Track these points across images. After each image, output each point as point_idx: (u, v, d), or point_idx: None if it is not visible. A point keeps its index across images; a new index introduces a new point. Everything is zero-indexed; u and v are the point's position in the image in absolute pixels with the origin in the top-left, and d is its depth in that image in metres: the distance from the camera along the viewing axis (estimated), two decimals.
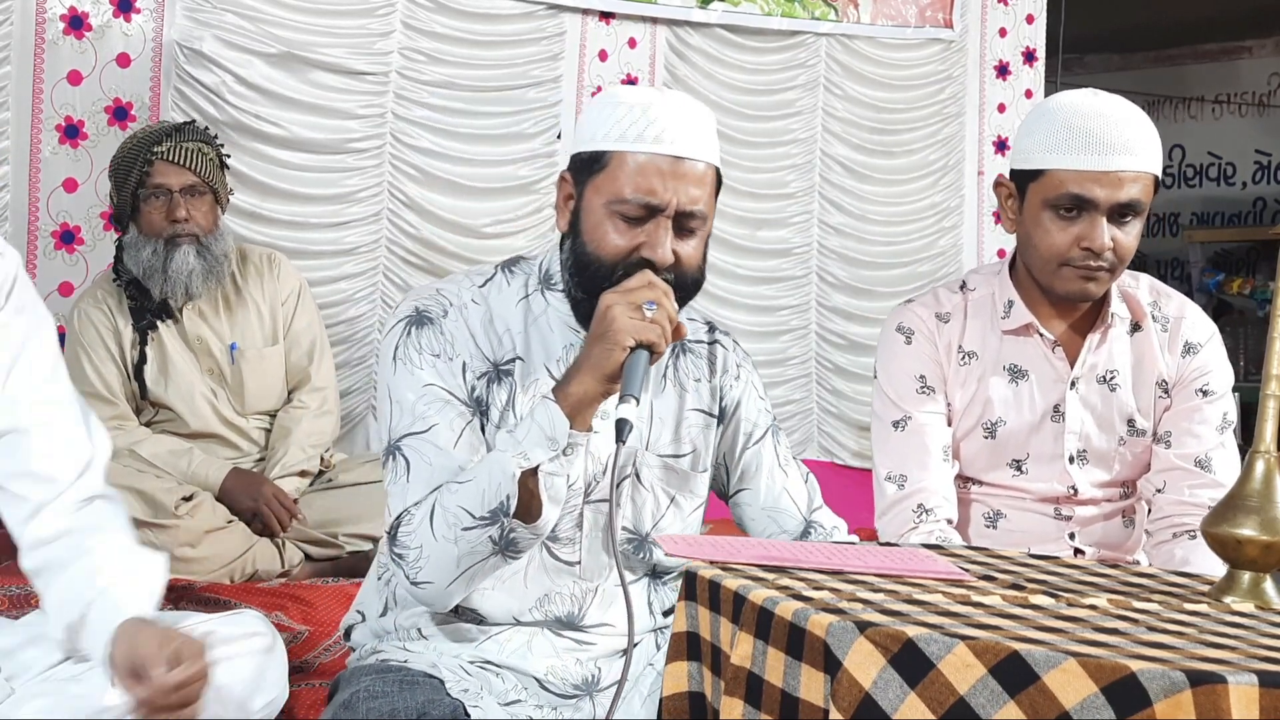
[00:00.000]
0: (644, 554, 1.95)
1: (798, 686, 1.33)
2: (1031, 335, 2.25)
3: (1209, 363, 2.27)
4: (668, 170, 1.81)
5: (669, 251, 1.82)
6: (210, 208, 3.28)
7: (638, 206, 1.81)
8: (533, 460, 1.73)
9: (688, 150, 1.83)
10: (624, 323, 1.74)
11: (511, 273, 1.97)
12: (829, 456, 5.03)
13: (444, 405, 1.85)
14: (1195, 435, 2.25)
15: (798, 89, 4.93)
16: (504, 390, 1.89)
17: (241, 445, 3.36)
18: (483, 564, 1.77)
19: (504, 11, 4.38)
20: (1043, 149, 2.14)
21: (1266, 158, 8.11)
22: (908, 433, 2.25)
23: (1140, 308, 2.28)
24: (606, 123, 1.85)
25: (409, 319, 1.90)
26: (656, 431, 1.96)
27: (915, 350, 2.28)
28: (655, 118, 1.83)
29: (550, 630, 1.91)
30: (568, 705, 1.87)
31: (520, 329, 1.92)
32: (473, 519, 1.74)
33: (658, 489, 1.95)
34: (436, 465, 1.81)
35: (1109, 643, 1.28)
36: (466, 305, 1.92)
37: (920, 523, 2.20)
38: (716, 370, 2.03)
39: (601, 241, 1.83)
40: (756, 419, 2.03)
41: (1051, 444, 2.26)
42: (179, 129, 3.29)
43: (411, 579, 1.80)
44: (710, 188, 1.86)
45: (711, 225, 1.90)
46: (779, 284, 4.96)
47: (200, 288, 3.24)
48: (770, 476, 2.03)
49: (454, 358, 1.88)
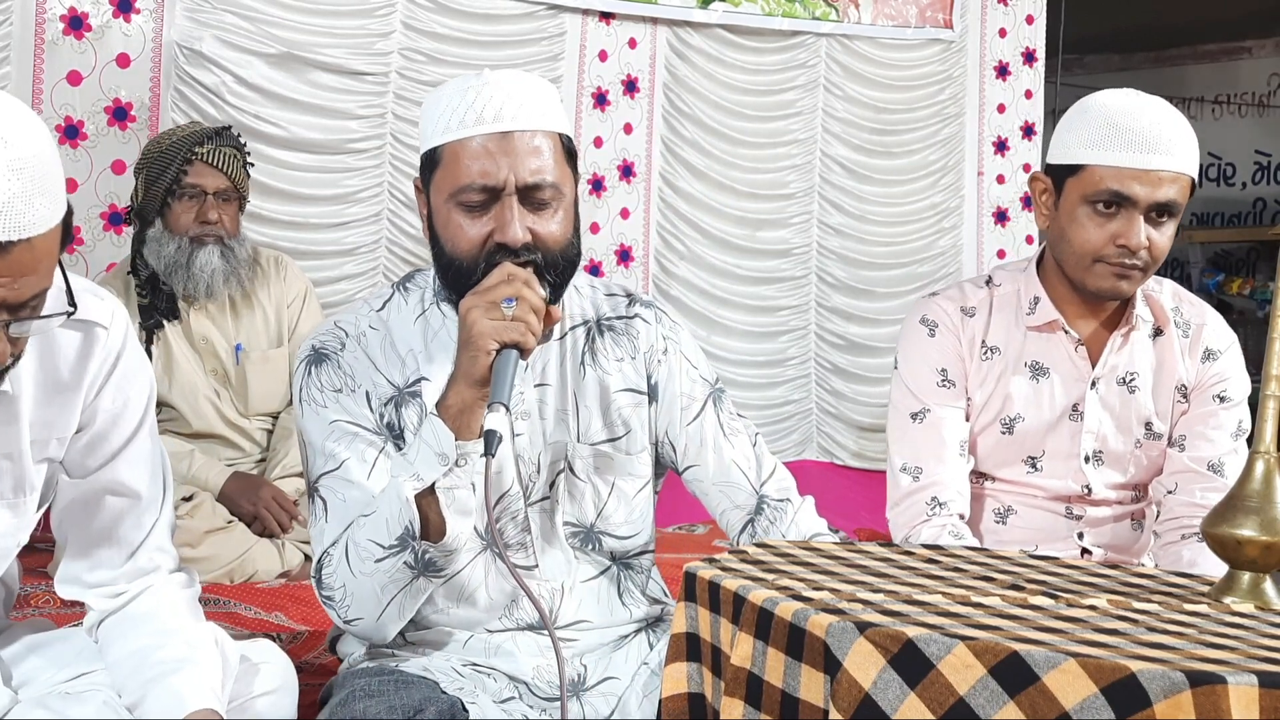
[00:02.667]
0: (593, 545, 1.93)
1: (798, 687, 1.33)
2: (1056, 332, 2.25)
3: (1227, 369, 2.28)
4: (496, 148, 1.76)
5: (519, 230, 1.76)
6: (236, 213, 3.32)
7: (476, 191, 1.77)
8: (426, 479, 1.72)
9: (516, 122, 1.77)
10: (483, 325, 1.71)
11: (407, 289, 1.94)
12: (828, 457, 5.03)
13: (352, 439, 1.83)
14: (1209, 439, 2.25)
15: (798, 89, 4.93)
16: (413, 411, 1.86)
17: (244, 446, 3.36)
18: (408, 589, 1.77)
19: (504, 12, 4.38)
20: (1084, 144, 2.13)
21: (1266, 158, 8.11)
22: (926, 425, 2.25)
23: (1163, 312, 2.28)
24: (433, 119, 1.81)
25: (308, 359, 1.88)
26: (585, 420, 1.92)
27: (938, 343, 2.27)
28: (474, 99, 1.78)
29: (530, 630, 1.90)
30: (556, 706, 1.85)
31: (421, 347, 1.89)
32: (383, 549, 1.73)
33: (594, 478, 1.92)
34: (350, 500, 1.80)
35: (1109, 643, 1.28)
36: (364, 334, 1.89)
37: (933, 516, 2.21)
38: (640, 346, 1.97)
39: (454, 239, 1.80)
40: (691, 392, 1.97)
41: (1068, 442, 2.26)
42: (219, 133, 3.32)
43: (343, 618, 1.81)
44: (554, 156, 1.80)
45: (574, 195, 1.84)
46: (778, 284, 4.96)
47: (221, 288, 3.26)
48: (716, 450, 1.97)
49: (355, 389, 1.86)
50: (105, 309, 1.72)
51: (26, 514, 1.73)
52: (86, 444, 1.74)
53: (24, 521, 1.73)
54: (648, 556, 2.00)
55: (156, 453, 1.82)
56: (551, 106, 1.83)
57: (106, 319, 1.72)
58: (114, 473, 1.76)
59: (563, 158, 1.82)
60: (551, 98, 1.84)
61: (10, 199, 1.41)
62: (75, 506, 1.78)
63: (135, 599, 1.79)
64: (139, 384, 1.77)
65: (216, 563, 3.08)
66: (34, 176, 1.43)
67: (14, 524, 1.72)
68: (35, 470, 1.71)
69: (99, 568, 1.79)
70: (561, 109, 1.86)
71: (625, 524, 1.95)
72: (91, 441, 1.74)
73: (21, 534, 1.75)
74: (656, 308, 2.01)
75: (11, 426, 1.66)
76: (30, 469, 1.70)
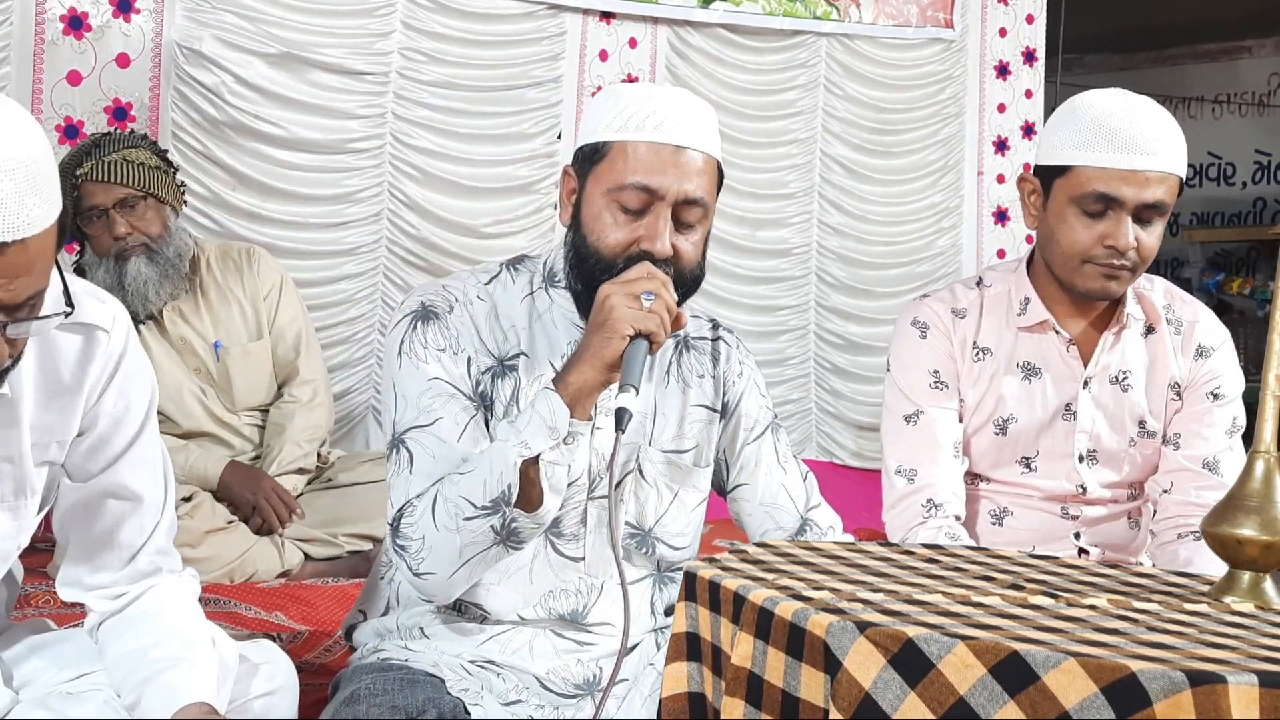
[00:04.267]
0: (647, 549, 1.95)
1: (798, 686, 1.33)
2: (1047, 332, 2.25)
3: (1220, 367, 2.27)
4: (668, 158, 1.82)
5: (668, 243, 1.82)
6: (154, 213, 3.19)
7: (637, 192, 1.82)
8: (534, 449, 1.73)
9: (688, 140, 1.84)
10: (622, 312, 1.75)
11: (516, 270, 1.98)
12: (828, 456, 5.03)
13: (449, 399, 1.85)
14: (1204, 438, 2.25)
15: (798, 89, 4.93)
16: (508, 385, 1.89)
17: (235, 443, 3.35)
18: (485, 554, 1.78)
19: (504, 11, 4.38)
20: (1071, 145, 2.14)
21: (1266, 158, 8.11)
22: (919, 427, 2.25)
23: (1155, 310, 2.28)
24: (608, 114, 1.86)
25: (415, 314, 1.90)
26: (660, 427, 1.96)
27: (930, 345, 2.28)
28: (656, 108, 1.84)
29: (552, 631, 1.91)
30: (569, 705, 1.87)
31: (525, 325, 1.92)
32: (475, 508, 1.74)
33: (660, 484, 1.96)
34: (439, 457, 1.82)
35: (1109, 643, 1.28)
36: (472, 301, 1.92)
37: (929, 518, 2.21)
38: (720, 366, 2.04)
39: (601, 233, 1.84)
40: (757, 415, 2.04)
41: (1062, 442, 2.26)
42: (98, 144, 3.19)
43: (414, 570, 1.80)
44: (710, 180, 1.87)
45: (711, 221, 1.91)
46: (778, 284, 4.97)
47: (160, 294, 3.19)
48: (769, 473, 2.03)
49: (459, 352, 1.88)
50: (106, 312, 1.72)
51: (27, 517, 1.73)
52: (88, 448, 1.74)
53: (24, 524, 1.73)
54: None
55: (158, 456, 1.82)
56: (716, 134, 1.90)
57: (108, 322, 1.71)
58: (116, 476, 1.76)
59: (715, 185, 1.89)
60: (716, 125, 1.91)
61: (3, 200, 1.41)
62: (76, 510, 1.77)
63: (135, 600, 1.79)
64: (141, 387, 1.77)
65: (216, 563, 3.08)
66: (27, 177, 1.43)
67: (14, 527, 1.72)
68: (36, 473, 1.71)
69: (100, 570, 1.79)
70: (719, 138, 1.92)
71: (680, 535, 1.98)
72: (94, 445, 1.74)
73: (22, 536, 1.75)
74: (737, 336, 2.10)
75: (12, 430, 1.66)
76: (31, 472, 1.70)
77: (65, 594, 1.81)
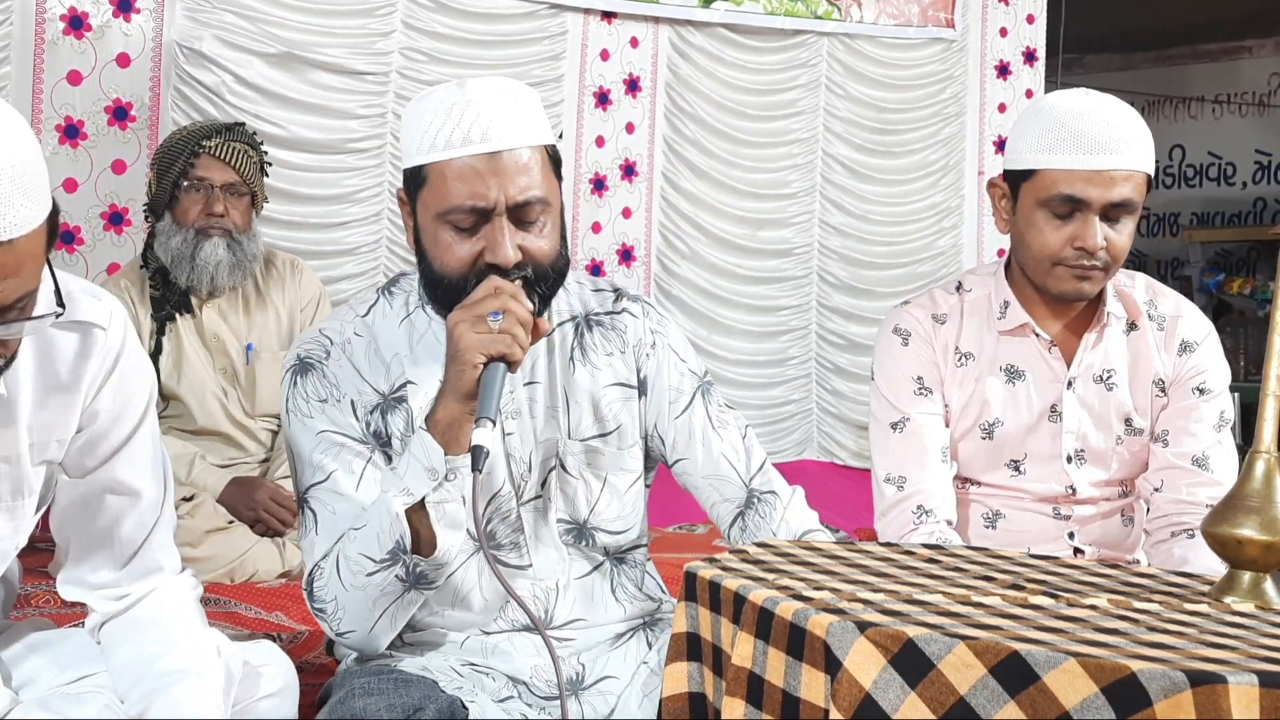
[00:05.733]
0: (586, 541, 1.93)
1: (798, 687, 1.33)
2: (1028, 335, 2.26)
3: (1205, 361, 2.27)
4: (486, 169, 1.75)
5: (511, 250, 1.76)
6: (247, 208, 3.29)
7: (466, 213, 1.76)
8: (416, 494, 1.72)
9: (503, 142, 1.76)
10: (470, 340, 1.70)
11: (391, 294, 1.94)
12: (828, 457, 5.03)
13: (339, 450, 1.83)
14: (1192, 434, 2.25)
15: (799, 89, 4.93)
16: (400, 418, 1.86)
17: (248, 446, 3.36)
18: (399, 601, 1.78)
19: (505, 11, 4.39)
20: (1035, 149, 2.14)
21: (1266, 158, 8.11)
22: (906, 434, 2.25)
23: (1136, 306, 2.28)
24: (418, 134, 1.80)
25: (294, 369, 1.88)
26: (575, 416, 1.92)
27: (912, 351, 2.28)
28: (460, 118, 1.76)
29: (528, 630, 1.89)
30: (555, 705, 1.86)
31: (407, 351, 1.88)
32: (374, 563, 1.74)
33: (586, 474, 1.92)
34: (340, 513, 1.80)
35: (1109, 643, 1.28)
36: (349, 341, 1.89)
37: (920, 524, 2.20)
38: (629, 341, 1.97)
39: (443, 257, 1.79)
40: (680, 384, 1.97)
41: (1049, 444, 2.26)
42: (229, 128, 3.31)
43: (336, 630, 1.81)
44: (541, 170, 1.79)
45: (558, 206, 1.84)
46: (779, 284, 4.97)
47: (226, 280, 3.25)
48: (705, 442, 1.96)
49: (341, 399, 1.85)
50: (103, 309, 1.71)
51: (24, 517, 1.72)
52: (85, 443, 1.73)
53: (21, 525, 1.73)
54: (641, 551, 2.00)
55: (158, 453, 1.81)
56: (536, 118, 1.81)
57: (104, 319, 1.71)
58: (113, 471, 1.76)
59: (549, 169, 1.81)
60: (535, 107, 1.82)
61: None
62: (75, 507, 1.77)
63: (138, 603, 1.79)
64: (139, 383, 1.76)
65: (217, 562, 3.08)
66: (13, 178, 1.42)
67: (11, 527, 1.72)
68: (34, 473, 1.70)
69: (101, 568, 1.78)
70: (544, 116, 1.84)
71: (618, 519, 1.95)
72: (91, 440, 1.74)
73: (20, 536, 1.74)
74: (644, 302, 2.01)
75: (9, 429, 1.66)
76: (29, 472, 1.69)
77: (67, 593, 1.81)
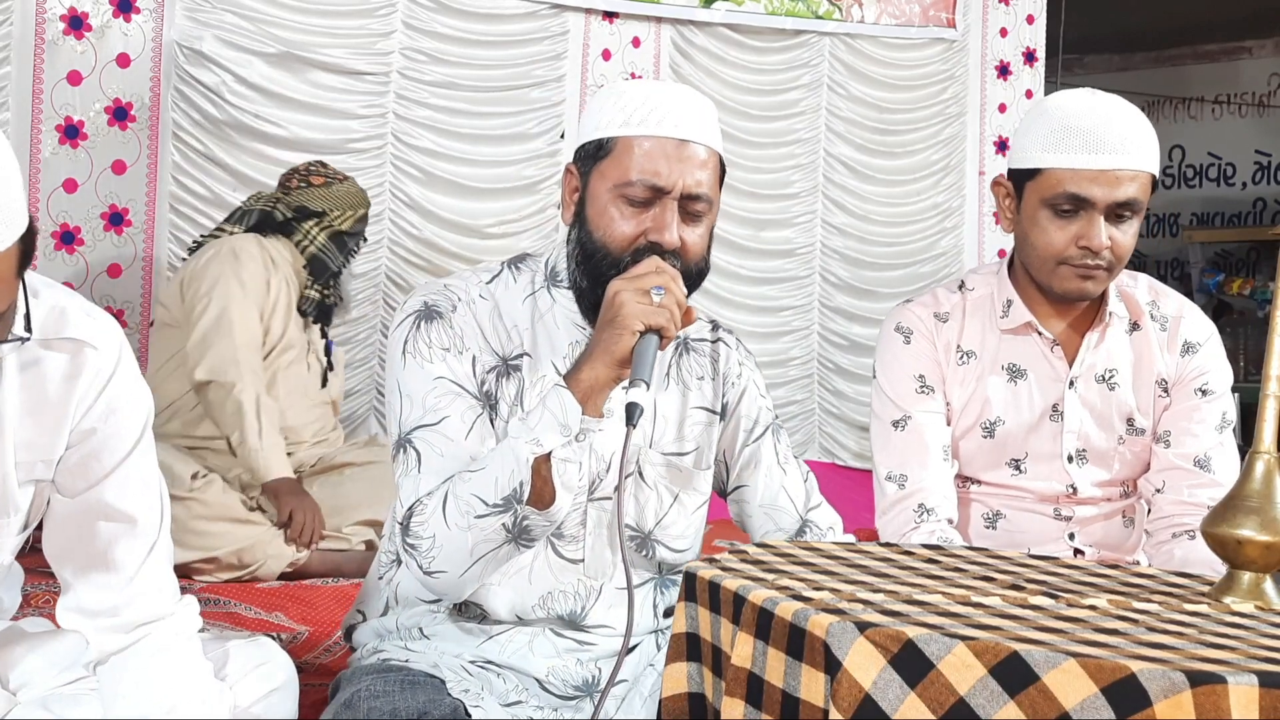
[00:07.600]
0: (647, 552, 1.95)
1: (798, 687, 1.33)
2: (1030, 334, 2.26)
3: (1207, 362, 2.27)
4: (673, 153, 1.82)
5: (676, 234, 1.82)
6: None
7: (644, 188, 1.82)
8: (545, 446, 1.73)
9: (692, 134, 1.84)
10: (632, 308, 1.75)
11: (518, 269, 1.97)
12: (830, 457, 5.03)
13: (455, 397, 1.85)
14: (1194, 435, 2.25)
15: (801, 89, 4.93)
16: (512, 385, 1.89)
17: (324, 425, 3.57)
18: (495, 552, 1.77)
19: (506, 11, 4.39)
20: (1040, 148, 2.14)
21: (1266, 158, 8.11)
22: (907, 432, 2.25)
23: (1138, 307, 2.28)
24: (610, 110, 1.86)
25: (418, 313, 1.90)
26: (660, 429, 1.96)
27: (914, 350, 2.28)
28: (658, 103, 1.85)
29: (552, 630, 1.90)
30: (568, 706, 1.87)
31: (527, 325, 1.92)
32: (486, 506, 1.74)
33: (660, 487, 1.95)
34: (448, 455, 1.81)
35: (1109, 643, 1.28)
36: (475, 300, 1.92)
37: (921, 522, 2.20)
38: (719, 368, 2.03)
39: (608, 228, 1.84)
40: (757, 416, 2.04)
41: (1050, 443, 2.26)
42: None
43: (425, 568, 1.80)
44: (714, 174, 1.87)
45: (716, 215, 1.91)
46: (781, 284, 4.97)
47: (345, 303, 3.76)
48: (769, 474, 2.03)
49: (463, 351, 1.88)
50: (97, 328, 1.67)
51: (8, 535, 1.69)
52: (76, 464, 1.69)
53: (4, 542, 1.70)
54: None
55: (153, 479, 1.76)
56: (718, 129, 1.91)
57: (97, 339, 1.66)
58: (102, 494, 1.70)
59: (718, 178, 1.89)
60: (717, 121, 1.92)
61: None
62: (69, 530, 1.72)
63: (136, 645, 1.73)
64: (132, 405, 1.71)
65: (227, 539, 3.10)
66: None
67: None
68: (20, 492, 1.67)
69: (98, 592, 1.73)
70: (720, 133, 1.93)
71: (680, 537, 1.97)
72: (81, 461, 1.69)
73: (3, 555, 1.71)
74: (735, 336, 2.09)
75: None
76: (14, 491, 1.66)
77: (66, 621, 1.75)
